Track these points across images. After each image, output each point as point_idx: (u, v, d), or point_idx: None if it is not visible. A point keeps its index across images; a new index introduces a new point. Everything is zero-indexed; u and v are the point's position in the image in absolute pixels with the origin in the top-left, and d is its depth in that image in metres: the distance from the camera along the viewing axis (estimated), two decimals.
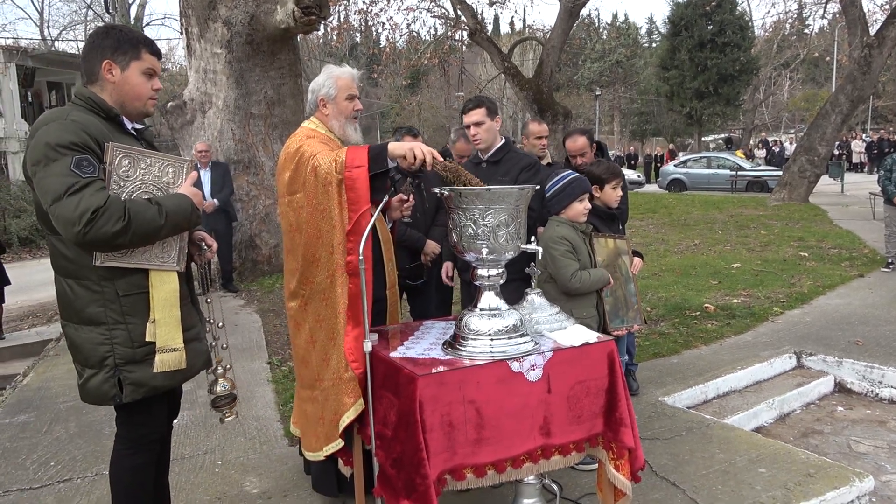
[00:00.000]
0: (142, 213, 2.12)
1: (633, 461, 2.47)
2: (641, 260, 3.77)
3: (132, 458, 2.39)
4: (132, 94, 2.29)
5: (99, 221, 2.02)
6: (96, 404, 2.30)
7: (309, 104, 3.00)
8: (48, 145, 2.07)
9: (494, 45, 17.31)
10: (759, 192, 20.25)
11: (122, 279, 2.19)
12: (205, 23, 8.58)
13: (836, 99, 15.48)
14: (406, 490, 2.14)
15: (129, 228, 2.07)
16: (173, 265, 2.29)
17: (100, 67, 2.24)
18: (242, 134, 8.69)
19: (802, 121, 40.78)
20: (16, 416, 4.49)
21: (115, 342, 2.20)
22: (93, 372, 2.22)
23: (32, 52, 25.09)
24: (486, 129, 3.60)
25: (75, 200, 2.02)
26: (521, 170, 3.57)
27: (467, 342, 2.35)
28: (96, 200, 2.03)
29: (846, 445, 4.11)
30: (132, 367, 2.22)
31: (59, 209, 2.03)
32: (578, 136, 4.35)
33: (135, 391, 2.23)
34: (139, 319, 2.22)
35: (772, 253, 9.63)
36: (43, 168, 2.07)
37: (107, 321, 2.20)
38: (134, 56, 2.27)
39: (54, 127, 2.11)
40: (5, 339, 8.07)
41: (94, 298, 2.19)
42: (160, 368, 2.24)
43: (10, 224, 16.20)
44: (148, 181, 2.23)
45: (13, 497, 3.36)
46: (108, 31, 2.31)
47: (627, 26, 49.01)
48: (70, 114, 2.17)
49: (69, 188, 2.03)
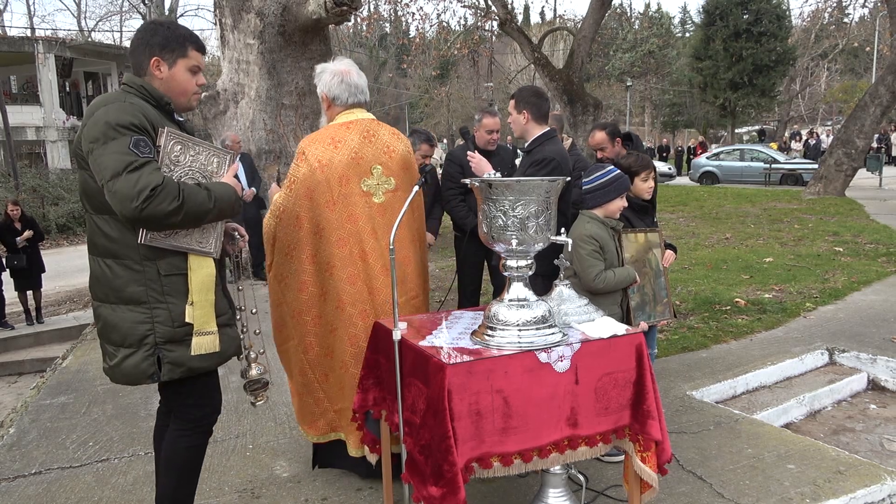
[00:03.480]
0: (194, 195, 2.19)
1: (659, 454, 2.47)
2: (675, 253, 3.74)
3: (189, 439, 2.46)
4: (178, 90, 2.37)
5: (157, 199, 2.09)
6: (131, 384, 2.33)
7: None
8: (108, 124, 2.13)
9: (525, 36, 17.18)
10: (794, 185, 19.86)
11: (164, 260, 2.26)
12: (238, 13, 8.68)
13: (875, 90, 15.08)
14: (434, 476, 2.17)
15: (182, 208, 2.14)
16: (210, 251, 2.35)
17: (148, 64, 2.32)
18: (274, 124, 8.79)
19: (840, 112, 39.80)
20: (56, 398, 4.64)
21: (156, 321, 2.25)
22: (130, 351, 2.27)
23: (70, 43, 25.65)
24: (511, 121, 3.70)
25: (134, 177, 2.08)
26: (529, 164, 3.60)
27: (496, 332, 2.37)
28: (154, 179, 2.10)
29: (878, 444, 4.05)
30: (172, 346, 2.28)
31: (117, 185, 2.08)
32: (597, 132, 4.38)
33: (172, 370, 2.29)
34: (179, 300, 2.28)
35: (805, 247, 9.46)
36: (101, 146, 2.13)
37: (148, 300, 2.25)
38: (181, 54, 2.34)
39: (115, 108, 2.17)
40: (44, 324, 8.31)
41: (134, 277, 2.24)
42: (196, 351, 2.30)
43: (49, 211, 16.62)
44: (195, 168, 2.31)
45: (55, 474, 3.48)
46: (157, 28, 2.36)
47: (660, 16, 48.18)
48: (128, 97, 2.24)
49: (128, 165, 2.09)
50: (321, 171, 2.91)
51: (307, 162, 2.94)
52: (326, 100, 3.05)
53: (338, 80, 3.01)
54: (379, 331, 2.74)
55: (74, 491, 3.30)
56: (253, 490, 3.24)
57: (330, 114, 3.08)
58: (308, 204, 2.94)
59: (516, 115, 3.63)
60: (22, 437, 4.00)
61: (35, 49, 23.82)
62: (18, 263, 7.90)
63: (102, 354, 2.39)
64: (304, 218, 2.94)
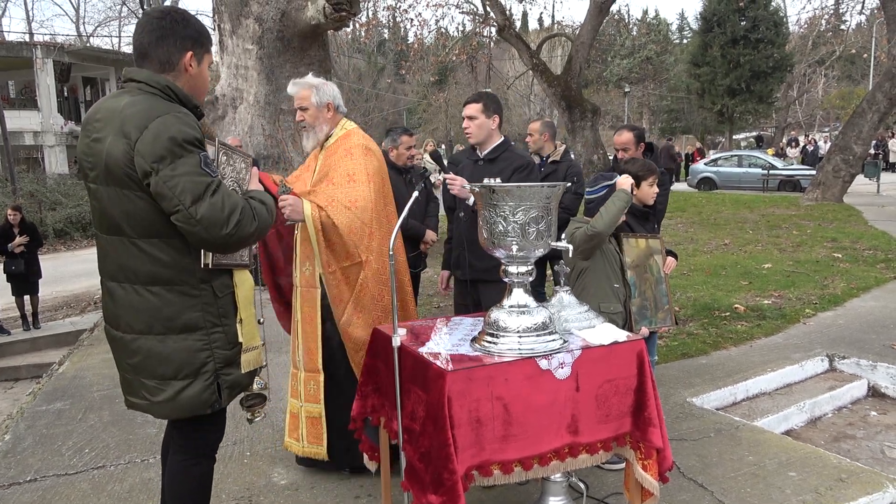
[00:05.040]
0: (261, 212, 2.08)
1: (661, 461, 2.45)
2: (675, 259, 3.73)
3: (200, 467, 2.27)
4: (202, 89, 2.19)
5: (244, 222, 1.98)
6: (188, 416, 2.13)
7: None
8: (174, 140, 1.91)
9: (523, 42, 17.23)
10: (792, 191, 19.88)
11: (217, 280, 2.13)
12: (237, 19, 8.68)
13: (873, 97, 15.12)
14: (433, 484, 2.15)
15: (259, 228, 2.06)
16: (247, 262, 2.27)
17: (181, 57, 2.08)
18: (272, 130, 8.79)
19: (837, 119, 39.88)
20: (52, 404, 4.61)
21: (214, 346, 2.11)
22: (186, 383, 2.08)
23: (68, 48, 25.64)
24: (477, 125, 3.54)
25: (218, 201, 1.94)
26: (513, 170, 3.51)
27: (496, 339, 2.35)
28: (235, 201, 1.98)
29: (879, 451, 4.03)
30: (229, 369, 2.16)
31: (202, 210, 1.92)
32: (625, 131, 4.34)
33: (230, 394, 2.18)
34: (231, 320, 2.17)
35: (804, 253, 9.45)
36: (168, 166, 1.90)
37: (205, 325, 2.10)
38: (206, 50, 2.17)
39: (173, 121, 1.94)
40: (41, 329, 8.28)
41: (190, 304, 2.07)
42: (246, 368, 2.19)
43: (46, 216, 16.59)
44: (233, 178, 2.21)
45: (50, 482, 3.45)
46: (187, 18, 2.11)
47: (658, 22, 48.34)
48: (173, 107, 2.00)
49: (208, 187, 1.94)
50: (382, 166, 3.23)
51: (375, 156, 3.20)
52: (332, 108, 3.21)
53: (338, 92, 3.25)
54: (378, 337, 2.72)
55: (70, 499, 3.27)
56: (250, 498, 3.22)
57: (333, 121, 3.24)
58: (383, 199, 3.19)
59: (484, 119, 3.53)
60: (17, 443, 3.96)
61: (33, 54, 23.82)
62: (16, 268, 7.87)
63: (132, 388, 2.16)
64: (381, 211, 3.16)
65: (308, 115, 3.18)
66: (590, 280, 3.29)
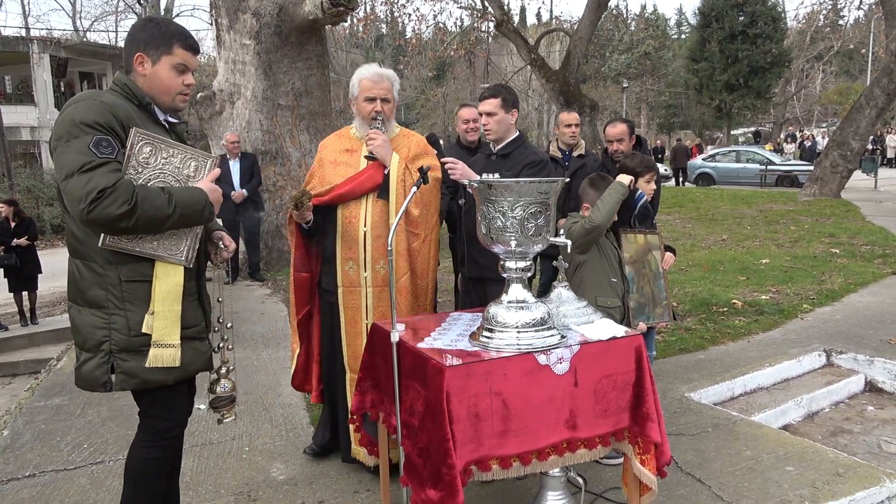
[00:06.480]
0: (150, 199, 2.09)
1: (659, 456, 2.46)
2: (674, 255, 3.73)
3: (148, 451, 2.33)
4: (160, 89, 2.28)
5: (104, 202, 2.01)
6: (88, 390, 2.25)
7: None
8: (73, 122, 2.09)
9: (521, 37, 17.21)
10: (790, 187, 19.90)
11: (127, 265, 2.17)
12: (234, 14, 8.66)
13: (870, 92, 15.13)
14: (432, 480, 2.16)
15: (133, 213, 2.05)
16: (180, 259, 2.24)
17: (131, 59, 2.26)
18: (270, 125, 8.76)
19: (835, 114, 39.93)
20: (50, 399, 4.61)
21: (112, 327, 2.18)
22: (88, 356, 2.20)
23: (65, 43, 25.56)
24: (497, 121, 3.41)
25: (85, 178, 2.02)
26: (523, 166, 3.39)
27: (494, 334, 2.35)
28: (105, 181, 2.02)
29: (876, 445, 4.04)
30: (126, 355, 2.18)
31: (69, 185, 2.04)
32: (619, 123, 4.38)
33: (125, 381, 2.19)
34: (138, 308, 2.18)
35: (802, 249, 9.47)
36: (64, 144, 2.08)
37: (107, 305, 2.18)
38: (165, 51, 2.25)
39: (83, 106, 2.13)
40: (39, 325, 8.26)
41: (97, 281, 2.18)
42: (153, 363, 2.18)
43: (44, 212, 16.55)
44: (168, 171, 2.21)
45: (49, 477, 3.45)
46: (146, 24, 2.30)
47: (656, 17, 48.34)
48: (102, 95, 2.18)
49: (83, 165, 2.04)
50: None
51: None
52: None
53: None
54: (376, 332, 2.72)
55: (69, 494, 3.27)
56: (249, 493, 3.22)
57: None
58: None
59: (504, 115, 3.40)
60: (16, 439, 3.96)
61: (30, 49, 23.73)
62: (8, 262, 7.82)
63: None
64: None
65: (388, 108, 3.11)
66: (587, 274, 3.29)
